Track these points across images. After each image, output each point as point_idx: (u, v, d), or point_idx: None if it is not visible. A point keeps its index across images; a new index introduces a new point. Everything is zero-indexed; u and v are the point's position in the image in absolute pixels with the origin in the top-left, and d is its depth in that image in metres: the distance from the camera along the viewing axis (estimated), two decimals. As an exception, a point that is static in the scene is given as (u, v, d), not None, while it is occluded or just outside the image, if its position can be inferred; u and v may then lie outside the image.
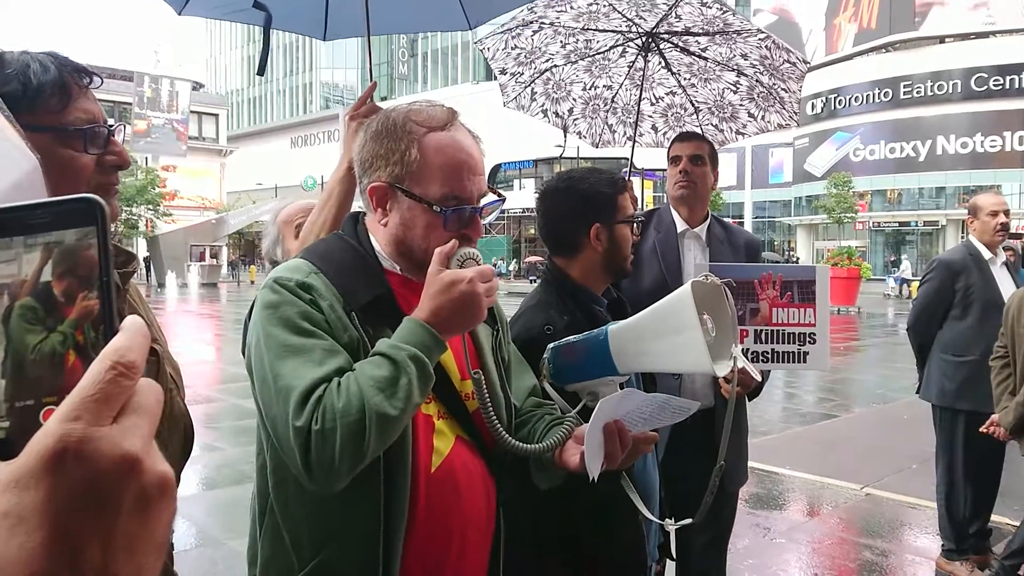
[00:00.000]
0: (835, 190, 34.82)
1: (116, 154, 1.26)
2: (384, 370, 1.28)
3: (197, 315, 22.41)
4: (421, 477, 1.42)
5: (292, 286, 1.38)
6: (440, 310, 1.35)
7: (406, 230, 1.47)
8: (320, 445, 1.24)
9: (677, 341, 1.51)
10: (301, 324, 1.35)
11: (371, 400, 1.25)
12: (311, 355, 1.32)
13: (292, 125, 72.44)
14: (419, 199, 1.44)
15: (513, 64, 3.40)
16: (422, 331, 1.33)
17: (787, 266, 2.95)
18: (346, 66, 79.53)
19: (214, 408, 8.60)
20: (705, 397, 2.83)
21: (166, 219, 39.20)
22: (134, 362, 0.43)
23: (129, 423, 0.42)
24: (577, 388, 1.70)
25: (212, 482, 5.98)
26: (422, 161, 1.44)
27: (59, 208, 0.46)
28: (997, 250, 4.25)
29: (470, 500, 1.48)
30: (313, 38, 3.07)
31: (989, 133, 43.63)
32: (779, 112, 3.41)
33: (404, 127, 1.46)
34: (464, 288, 1.34)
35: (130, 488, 0.41)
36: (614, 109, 3.60)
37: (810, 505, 5.68)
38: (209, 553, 4.53)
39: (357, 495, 1.35)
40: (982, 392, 4.14)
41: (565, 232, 2.08)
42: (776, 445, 7.10)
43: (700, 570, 2.94)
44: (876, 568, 4.49)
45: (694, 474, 2.53)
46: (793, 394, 9.93)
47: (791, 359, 2.68)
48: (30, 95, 1.16)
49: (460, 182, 1.45)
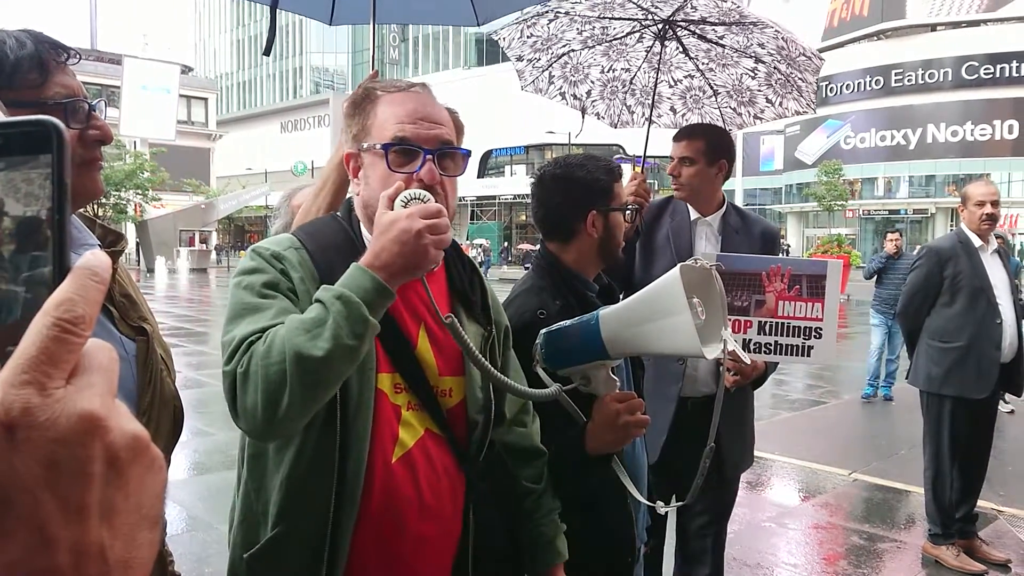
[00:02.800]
0: (825, 178, 34.93)
1: (98, 128, 1.25)
2: (312, 312, 1.26)
3: (187, 300, 22.32)
4: (377, 465, 1.40)
5: (267, 255, 1.42)
6: (380, 251, 1.29)
7: (367, 189, 1.46)
8: (243, 388, 1.25)
9: (666, 324, 1.51)
10: (263, 290, 1.37)
11: (291, 341, 1.23)
12: (264, 313, 1.33)
13: (282, 110, 71.97)
14: (372, 148, 1.44)
15: (530, 51, 3.39)
16: (359, 273, 1.28)
17: (797, 260, 2.95)
18: (336, 51, 79.07)
19: (204, 393, 8.58)
20: (707, 385, 2.85)
21: (155, 204, 38.95)
22: (81, 316, 0.38)
23: (83, 382, 0.37)
24: (569, 372, 1.71)
25: (203, 467, 5.98)
26: (376, 117, 1.46)
27: (8, 131, 0.41)
28: (988, 238, 4.27)
29: (432, 495, 1.46)
30: (319, 22, 3.05)
31: (979, 121, 43.77)
32: (797, 100, 3.43)
33: (366, 95, 1.50)
34: (402, 225, 1.27)
35: (95, 451, 0.36)
36: (632, 91, 3.60)
37: (798, 490, 5.73)
38: (201, 537, 4.54)
39: (312, 473, 1.37)
40: (968, 378, 4.18)
41: (561, 218, 2.08)
42: (765, 431, 7.13)
43: (698, 551, 2.98)
44: (864, 552, 4.54)
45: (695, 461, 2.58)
46: (783, 380, 9.98)
47: (795, 352, 2.68)
48: (7, 71, 1.16)
49: (411, 124, 1.43)
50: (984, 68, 43.36)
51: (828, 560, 4.45)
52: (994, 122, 43.48)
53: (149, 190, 37.03)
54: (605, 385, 1.72)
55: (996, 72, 43.14)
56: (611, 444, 1.76)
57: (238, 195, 45.28)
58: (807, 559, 4.47)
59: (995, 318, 4.17)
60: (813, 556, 4.51)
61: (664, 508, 1.84)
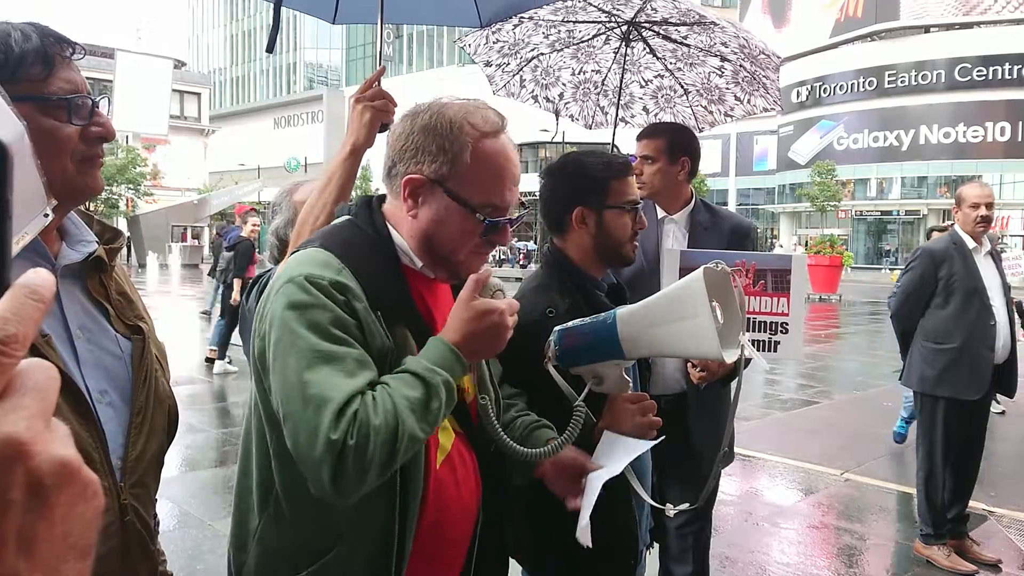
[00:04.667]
0: (819, 178, 35.00)
1: (101, 125, 1.24)
2: (418, 392, 1.29)
3: (179, 296, 22.24)
4: (431, 474, 1.42)
5: (325, 285, 1.32)
6: (471, 337, 1.37)
7: (439, 227, 1.44)
8: (354, 459, 1.23)
9: (687, 327, 1.52)
10: (333, 331, 1.30)
11: (405, 421, 1.26)
12: (343, 364, 1.28)
13: (276, 105, 71.73)
14: (462, 201, 1.42)
15: (497, 56, 3.40)
16: (453, 357, 1.34)
17: (762, 255, 2.91)
18: (331, 47, 78.81)
19: (196, 390, 8.55)
20: (676, 383, 2.84)
21: (147, 199, 38.79)
22: (13, 335, 0.36)
23: (10, 404, 0.36)
24: (582, 371, 1.70)
25: (194, 463, 5.96)
26: (472, 165, 1.42)
27: None
28: (982, 239, 4.28)
29: (466, 492, 1.50)
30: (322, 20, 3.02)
31: (971, 123, 43.91)
32: (764, 97, 3.45)
33: (460, 128, 1.43)
34: (496, 320, 1.38)
35: (16, 478, 0.35)
36: (605, 92, 3.61)
37: (790, 490, 5.74)
38: (193, 533, 4.52)
39: (373, 497, 1.33)
40: (962, 379, 4.19)
41: (551, 211, 2.10)
42: (757, 430, 7.16)
43: (679, 550, 2.97)
44: (855, 552, 4.55)
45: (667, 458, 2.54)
46: (774, 380, 10.00)
47: (761, 347, 2.64)
48: (11, 64, 1.14)
49: (503, 192, 1.45)
50: (977, 70, 43.52)
51: (820, 560, 4.45)
52: (986, 124, 43.64)
53: (141, 185, 36.88)
54: (618, 385, 1.71)
55: (989, 74, 43.29)
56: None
57: (231, 191, 45.11)
58: (799, 559, 4.47)
59: (989, 319, 4.18)
60: (805, 556, 4.52)
61: (674, 510, 1.82)
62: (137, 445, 1.27)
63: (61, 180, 1.16)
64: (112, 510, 1.21)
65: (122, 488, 1.23)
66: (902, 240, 47.77)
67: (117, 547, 1.22)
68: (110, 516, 1.20)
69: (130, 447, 1.26)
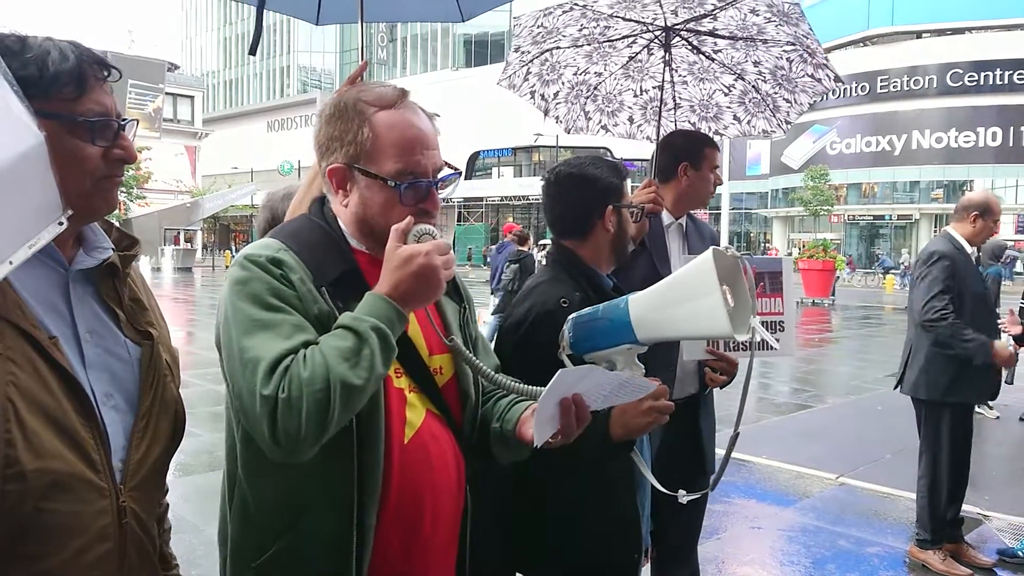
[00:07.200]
0: (812, 183, 35.18)
1: (123, 148, 1.26)
2: (348, 341, 1.31)
3: (171, 300, 22.17)
4: (395, 448, 1.45)
5: (262, 261, 1.41)
6: (399, 283, 1.38)
7: (366, 208, 1.50)
8: (286, 413, 1.27)
9: (697, 306, 1.54)
10: (269, 300, 1.37)
11: (335, 369, 1.28)
12: (279, 329, 1.35)
13: (269, 109, 71.71)
14: (375, 176, 1.47)
15: (528, 42, 3.31)
16: (383, 304, 1.36)
17: (757, 258, 3.04)
18: (324, 50, 78.81)
19: (189, 393, 8.51)
20: (691, 384, 2.90)
21: (140, 202, 38.70)
22: None
23: None
24: (595, 357, 1.73)
25: (188, 468, 5.93)
26: (374, 139, 1.47)
27: None
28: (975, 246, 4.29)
29: (441, 472, 1.52)
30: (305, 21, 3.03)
31: (963, 129, 44.20)
32: (768, 119, 3.42)
33: (355, 108, 1.49)
34: (421, 261, 1.37)
35: None
36: (594, 96, 3.57)
37: (785, 494, 5.74)
38: (187, 539, 4.49)
39: (330, 467, 1.38)
40: (975, 384, 4.18)
41: (577, 215, 2.15)
42: (752, 435, 7.16)
43: (671, 549, 2.98)
44: (850, 556, 4.55)
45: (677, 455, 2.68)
46: (768, 384, 10.02)
47: (764, 346, 2.73)
48: (46, 81, 1.17)
49: (413, 157, 1.47)
50: (968, 76, 43.80)
51: (815, 564, 4.45)
52: (978, 129, 43.91)
53: (134, 188, 36.77)
54: (631, 370, 1.73)
55: (980, 80, 43.58)
56: (636, 429, 1.80)
57: (224, 194, 45.07)
58: (793, 563, 4.47)
59: (994, 321, 4.18)
60: (800, 560, 4.52)
61: (686, 497, 1.87)
62: (140, 448, 1.28)
63: (77, 197, 1.18)
64: (110, 512, 1.21)
65: (121, 490, 1.23)
66: (894, 245, 47.97)
67: (113, 550, 1.22)
68: (107, 518, 1.20)
69: (132, 450, 1.27)
